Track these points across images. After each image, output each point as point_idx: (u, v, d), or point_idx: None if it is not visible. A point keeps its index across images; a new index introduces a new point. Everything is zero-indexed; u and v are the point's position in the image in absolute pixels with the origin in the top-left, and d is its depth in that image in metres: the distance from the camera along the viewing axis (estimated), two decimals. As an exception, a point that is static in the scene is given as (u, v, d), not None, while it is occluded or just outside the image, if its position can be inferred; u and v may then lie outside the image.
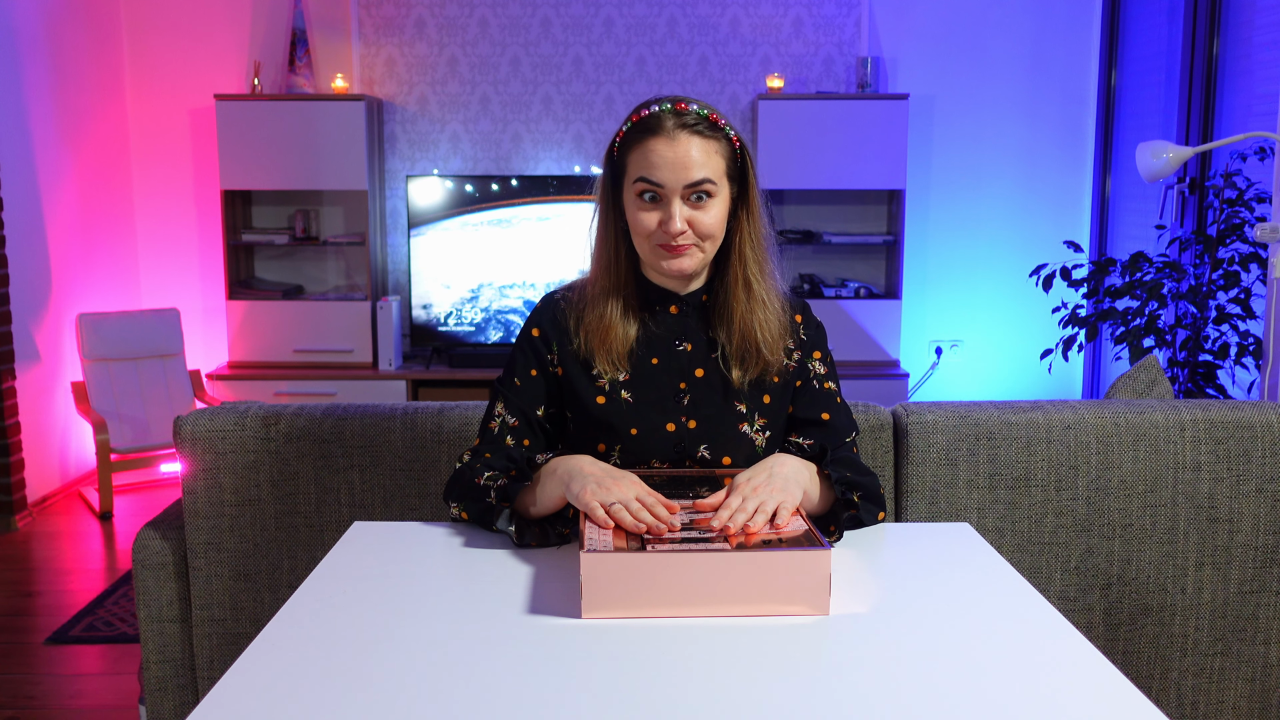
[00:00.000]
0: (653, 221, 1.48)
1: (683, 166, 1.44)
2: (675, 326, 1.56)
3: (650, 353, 1.55)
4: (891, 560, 1.41)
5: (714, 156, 1.47)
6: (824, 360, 1.61)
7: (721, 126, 1.48)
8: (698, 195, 1.46)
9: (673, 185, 1.45)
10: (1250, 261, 3.37)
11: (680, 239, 1.47)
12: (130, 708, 2.66)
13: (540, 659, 1.10)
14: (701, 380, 1.55)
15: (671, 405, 1.54)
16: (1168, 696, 1.91)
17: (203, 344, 5.05)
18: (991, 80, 4.92)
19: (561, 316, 1.58)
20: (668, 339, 1.56)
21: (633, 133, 1.48)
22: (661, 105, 1.47)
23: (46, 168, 4.37)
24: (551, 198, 4.73)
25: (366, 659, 1.10)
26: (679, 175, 1.45)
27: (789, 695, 1.03)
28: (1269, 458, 1.87)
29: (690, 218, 1.46)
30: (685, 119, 1.45)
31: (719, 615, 1.21)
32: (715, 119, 1.47)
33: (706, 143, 1.46)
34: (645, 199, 1.48)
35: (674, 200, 1.46)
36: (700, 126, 1.46)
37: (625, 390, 1.54)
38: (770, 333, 1.53)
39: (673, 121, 1.45)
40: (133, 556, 1.94)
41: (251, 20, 4.90)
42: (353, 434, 1.89)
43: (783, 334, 1.56)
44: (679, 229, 1.46)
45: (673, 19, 4.88)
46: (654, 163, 1.45)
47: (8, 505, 4.00)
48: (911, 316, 5.03)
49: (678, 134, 1.45)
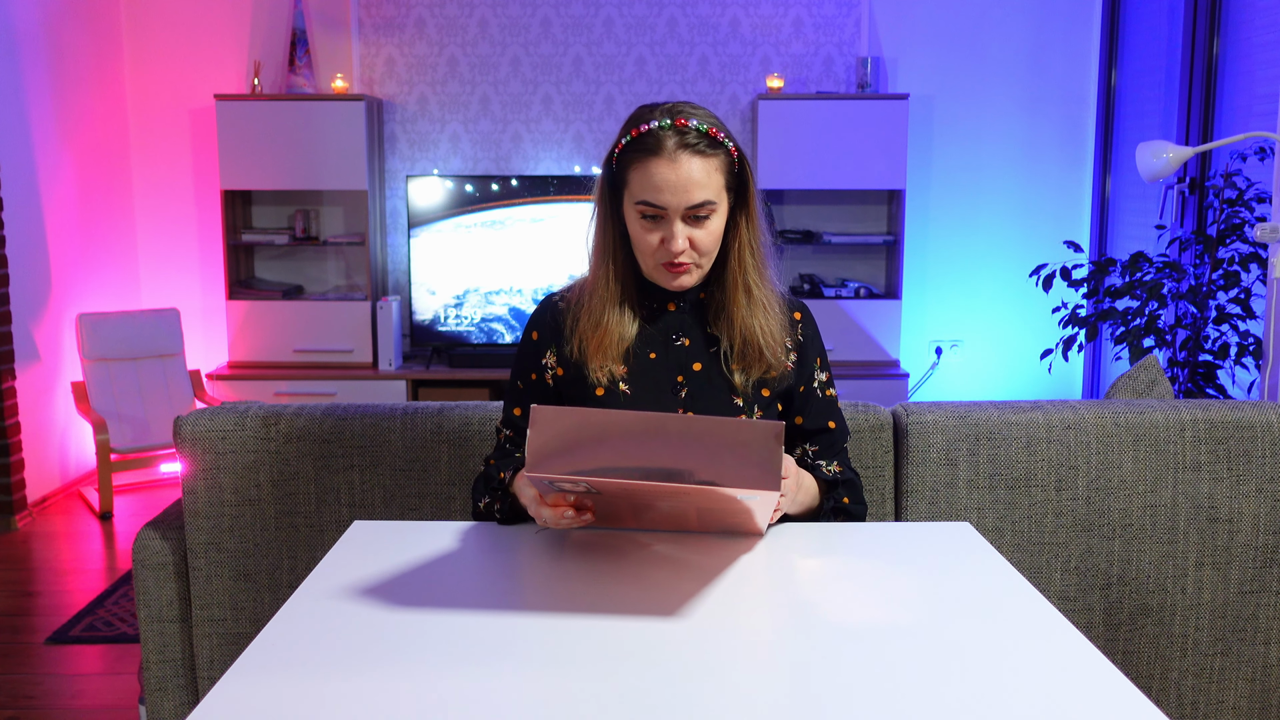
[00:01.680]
0: (654, 240, 1.49)
1: (684, 190, 1.45)
2: (673, 322, 1.59)
3: (648, 348, 1.58)
4: (891, 560, 1.41)
5: (714, 174, 1.48)
6: (824, 366, 1.65)
7: (721, 141, 1.48)
8: (697, 215, 1.48)
9: (674, 208, 1.47)
10: (1250, 261, 3.37)
11: (681, 258, 1.49)
12: (130, 708, 2.66)
13: (541, 658, 1.10)
14: (700, 374, 1.57)
15: (669, 398, 1.56)
16: (1168, 696, 1.91)
17: (203, 344, 5.05)
18: (991, 80, 4.92)
19: (559, 318, 1.60)
20: (665, 334, 1.58)
21: (633, 149, 1.48)
22: (661, 121, 1.46)
23: (46, 168, 4.37)
24: (552, 198, 4.73)
25: (366, 659, 1.10)
26: (680, 199, 1.46)
27: (789, 695, 1.03)
28: (1269, 458, 1.87)
29: (691, 236, 1.49)
30: (686, 138, 1.45)
31: (665, 482, 1.20)
32: (715, 133, 1.48)
33: (707, 161, 1.47)
34: (646, 219, 1.49)
35: (675, 221, 1.47)
36: (701, 145, 1.46)
37: (625, 384, 1.57)
38: (772, 336, 1.56)
39: (674, 142, 1.45)
40: (133, 556, 1.94)
41: (251, 20, 4.90)
42: (353, 434, 1.89)
43: (783, 335, 1.58)
44: (680, 249, 1.48)
45: (673, 19, 4.88)
46: (656, 185, 1.46)
47: (8, 505, 4.00)
48: (911, 316, 5.03)
49: (679, 155, 1.45)
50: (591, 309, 1.56)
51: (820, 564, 1.41)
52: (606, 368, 1.54)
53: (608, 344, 1.54)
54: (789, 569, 1.40)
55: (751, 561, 1.40)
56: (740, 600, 1.27)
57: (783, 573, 1.39)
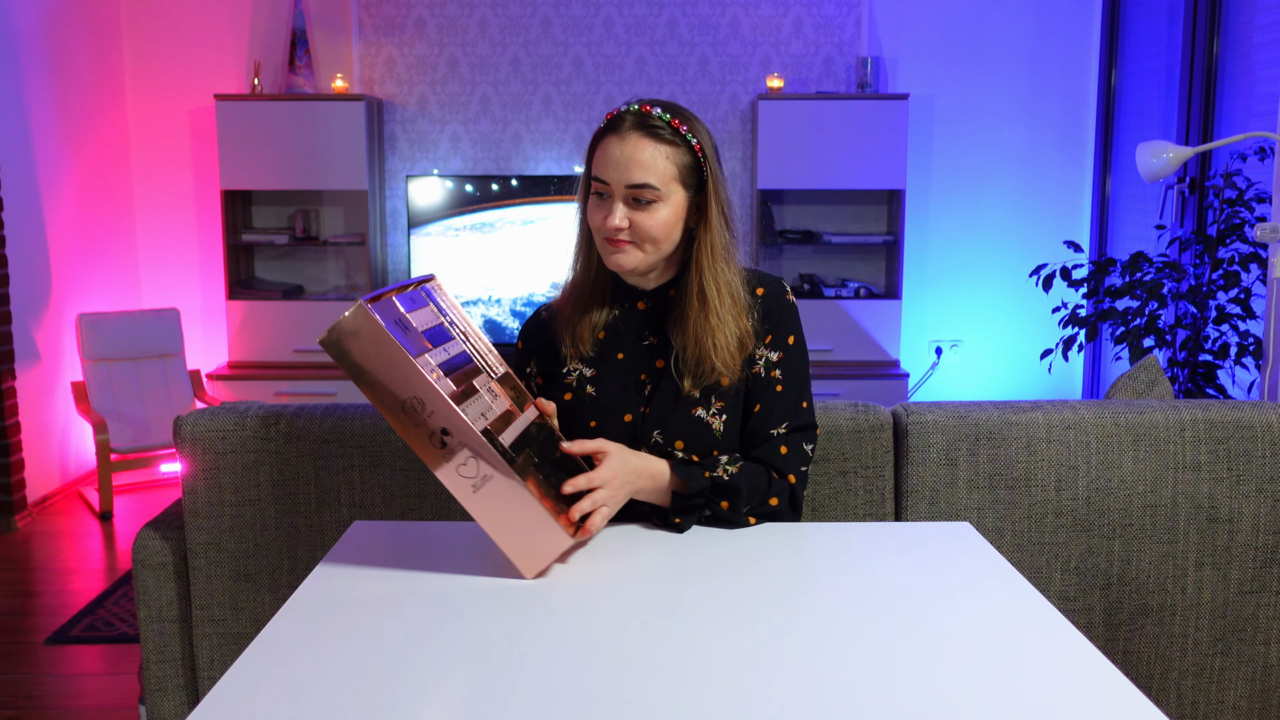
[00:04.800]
0: (599, 218, 1.52)
1: (625, 167, 1.48)
2: (643, 322, 1.60)
3: (617, 347, 1.60)
4: (891, 560, 1.41)
5: (663, 161, 1.48)
6: (777, 346, 1.57)
7: (684, 135, 1.49)
8: (639, 198, 1.48)
9: (615, 183, 1.49)
10: (1250, 261, 3.37)
11: (618, 235, 1.50)
12: (130, 708, 2.66)
13: (541, 657, 1.10)
14: (662, 370, 1.57)
15: (632, 397, 1.58)
16: (1168, 696, 1.91)
17: (203, 344, 5.05)
18: (991, 80, 4.92)
19: (543, 329, 1.66)
20: (635, 334, 1.60)
21: (599, 132, 1.52)
22: (630, 106, 1.51)
23: (46, 168, 4.37)
24: (551, 197, 4.73)
25: (366, 659, 1.10)
26: (621, 174, 1.48)
27: (789, 695, 1.03)
28: (1269, 458, 1.86)
29: (632, 218, 1.49)
30: (645, 120, 1.48)
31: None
32: (677, 124, 1.49)
33: (659, 147, 1.48)
34: (597, 196, 1.52)
35: (617, 199, 1.49)
36: (659, 130, 1.48)
37: (591, 386, 1.59)
38: (722, 344, 1.52)
39: (630, 121, 1.49)
40: (133, 556, 1.94)
41: (251, 20, 4.90)
42: (353, 434, 1.89)
43: (740, 347, 1.54)
44: (615, 225, 1.49)
45: (673, 19, 4.88)
46: (602, 160, 1.50)
47: (8, 505, 4.00)
48: (911, 316, 5.03)
49: (629, 134, 1.48)
50: (568, 295, 1.62)
51: (820, 564, 1.41)
52: (577, 345, 1.59)
53: (580, 327, 1.59)
54: (788, 569, 1.41)
55: (751, 561, 1.41)
56: (739, 600, 1.27)
57: (782, 572, 1.39)
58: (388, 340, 1.24)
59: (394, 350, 1.24)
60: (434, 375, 1.27)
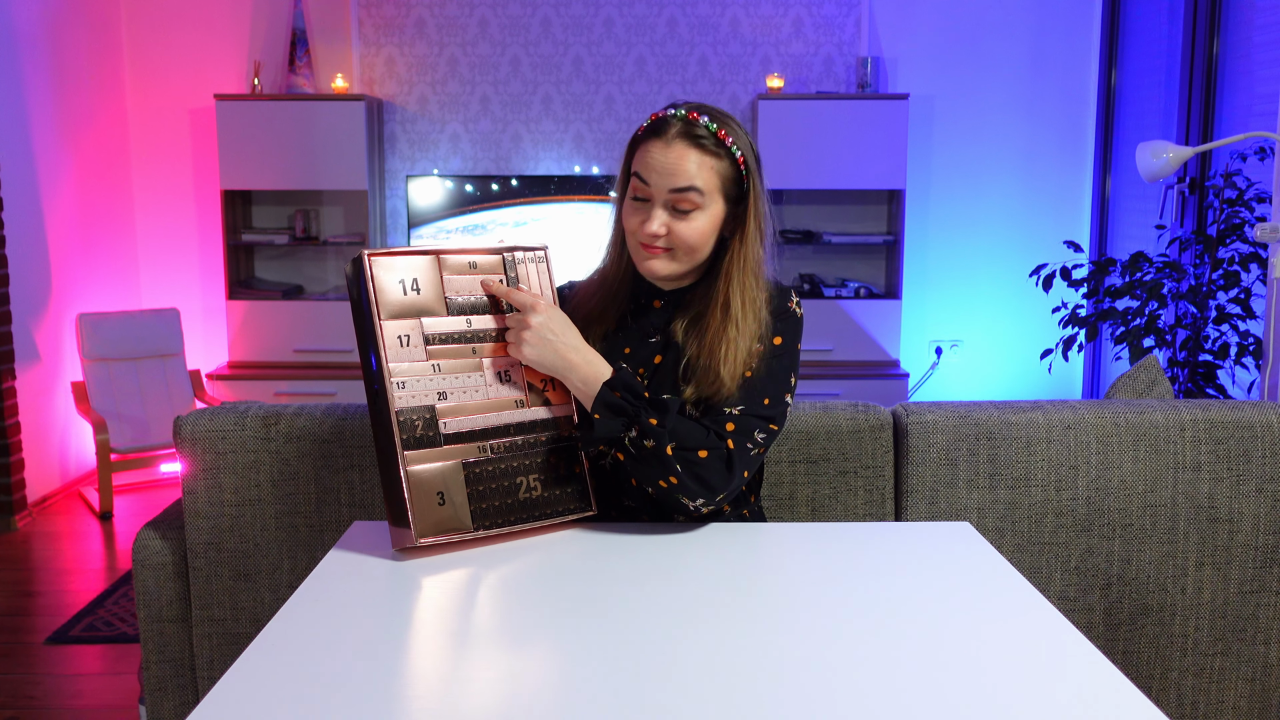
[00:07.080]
0: (636, 221, 1.51)
1: (670, 172, 1.47)
2: (654, 320, 1.59)
3: (625, 342, 1.60)
4: (891, 560, 1.41)
5: (707, 170, 1.48)
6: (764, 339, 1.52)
7: (728, 146, 1.49)
8: (681, 204, 1.48)
9: (658, 187, 1.48)
10: (1250, 261, 3.37)
11: (655, 242, 1.50)
12: (130, 708, 2.66)
13: (541, 657, 1.10)
14: (659, 366, 1.56)
15: None
16: (1168, 696, 1.91)
17: (203, 344, 5.05)
18: (991, 80, 4.92)
19: (562, 302, 1.64)
20: (643, 332, 1.60)
21: (643, 132, 1.52)
22: (677, 111, 1.50)
23: (46, 168, 4.37)
24: (551, 197, 4.73)
25: (366, 659, 1.10)
26: (665, 179, 1.47)
27: (789, 695, 1.03)
28: (1269, 458, 1.86)
29: (670, 225, 1.49)
30: (691, 129, 1.48)
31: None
32: (723, 136, 1.48)
33: (704, 156, 1.48)
34: (635, 198, 1.51)
35: (658, 204, 1.49)
36: (704, 140, 1.48)
37: None
38: (733, 358, 1.48)
39: (677, 128, 1.48)
40: (133, 556, 1.94)
41: (251, 20, 4.90)
42: (353, 434, 1.89)
43: (746, 361, 1.50)
44: (653, 231, 1.48)
45: (673, 19, 4.88)
46: (647, 163, 1.49)
47: (8, 505, 4.00)
48: (911, 316, 5.03)
49: (675, 142, 1.47)
50: (592, 287, 1.62)
51: (820, 564, 1.41)
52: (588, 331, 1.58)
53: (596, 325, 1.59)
54: (788, 568, 1.41)
55: (750, 561, 1.41)
56: (739, 600, 1.27)
57: (782, 572, 1.39)
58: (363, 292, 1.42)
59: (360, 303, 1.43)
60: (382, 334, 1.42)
